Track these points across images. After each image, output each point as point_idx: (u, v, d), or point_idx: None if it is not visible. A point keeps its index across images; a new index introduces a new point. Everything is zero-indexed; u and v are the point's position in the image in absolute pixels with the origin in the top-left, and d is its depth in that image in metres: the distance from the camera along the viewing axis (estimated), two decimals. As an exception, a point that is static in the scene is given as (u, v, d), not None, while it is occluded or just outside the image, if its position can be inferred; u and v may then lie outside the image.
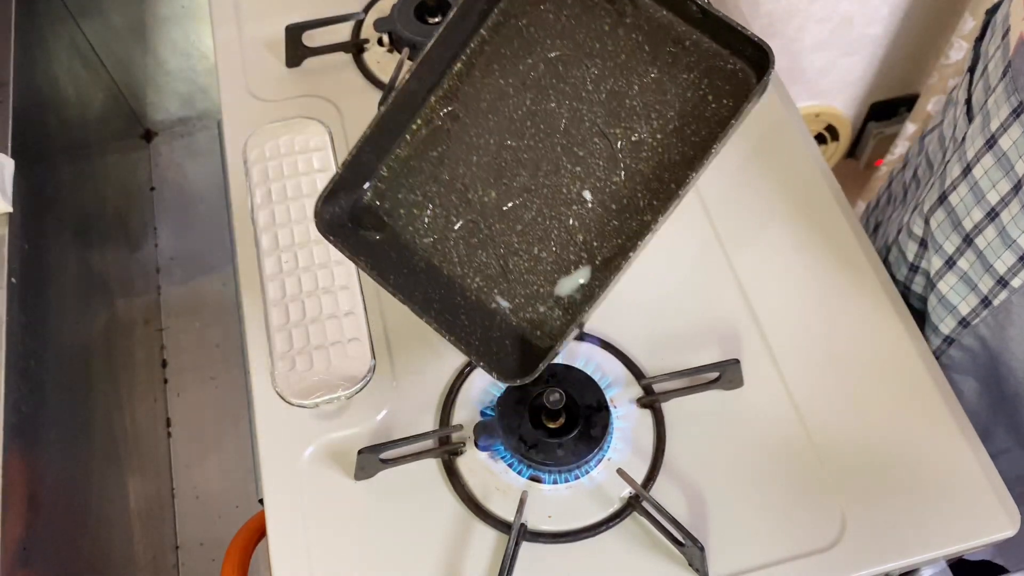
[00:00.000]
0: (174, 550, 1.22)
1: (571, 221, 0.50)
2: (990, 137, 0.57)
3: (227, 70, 0.77)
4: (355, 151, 0.51)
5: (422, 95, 0.53)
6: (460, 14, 0.50)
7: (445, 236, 0.52)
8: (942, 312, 0.64)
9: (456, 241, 0.51)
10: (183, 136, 1.58)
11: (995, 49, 0.59)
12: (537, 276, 0.50)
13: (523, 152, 0.51)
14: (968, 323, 0.62)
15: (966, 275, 0.61)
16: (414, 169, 0.53)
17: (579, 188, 0.50)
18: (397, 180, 0.53)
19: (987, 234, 0.58)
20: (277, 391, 0.60)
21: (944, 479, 0.57)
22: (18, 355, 0.71)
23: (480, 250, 0.51)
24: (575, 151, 0.50)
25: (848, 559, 0.54)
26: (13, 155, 0.78)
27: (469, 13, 0.51)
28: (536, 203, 0.50)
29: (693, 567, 0.54)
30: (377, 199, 0.53)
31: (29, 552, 0.68)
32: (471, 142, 0.52)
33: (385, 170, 0.53)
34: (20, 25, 0.90)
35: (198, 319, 1.42)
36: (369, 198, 0.53)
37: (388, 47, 0.77)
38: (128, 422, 1.11)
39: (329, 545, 0.56)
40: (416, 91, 0.52)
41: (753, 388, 0.60)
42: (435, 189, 0.52)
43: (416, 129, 0.53)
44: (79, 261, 1.03)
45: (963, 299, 0.62)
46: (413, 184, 0.52)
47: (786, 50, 1.26)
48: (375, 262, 0.50)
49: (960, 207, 0.60)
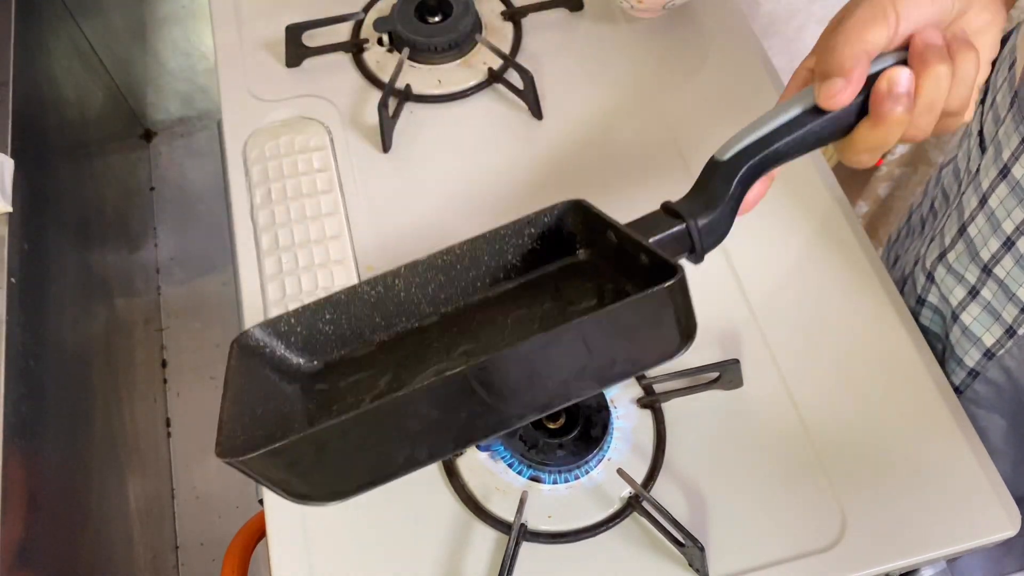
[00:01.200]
0: (174, 550, 1.22)
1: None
2: (1003, 167, 0.57)
3: (227, 70, 0.77)
4: (314, 307, 0.50)
5: (400, 314, 0.52)
6: (468, 255, 0.51)
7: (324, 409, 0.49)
8: (966, 344, 0.63)
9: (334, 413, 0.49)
10: (183, 136, 1.59)
11: (1002, 81, 0.60)
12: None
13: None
14: (993, 355, 0.61)
15: (989, 305, 0.60)
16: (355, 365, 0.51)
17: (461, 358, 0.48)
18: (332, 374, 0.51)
19: (1005, 263, 0.58)
20: (277, 391, 0.60)
21: (944, 479, 0.57)
22: (18, 355, 0.71)
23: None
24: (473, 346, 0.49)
25: (848, 559, 0.54)
26: (13, 155, 0.78)
27: (477, 265, 0.52)
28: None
29: (693, 567, 0.54)
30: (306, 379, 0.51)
31: (29, 552, 0.68)
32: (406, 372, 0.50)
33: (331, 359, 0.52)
34: (20, 25, 0.90)
35: (198, 319, 1.42)
36: (301, 372, 0.51)
37: (388, 47, 0.77)
38: (128, 422, 1.11)
39: (329, 545, 0.56)
40: (397, 306, 0.52)
41: (753, 388, 0.60)
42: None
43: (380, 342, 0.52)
44: (79, 261, 1.03)
45: (987, 330, 0.61)
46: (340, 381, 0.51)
47: (786, 50, 1.26)
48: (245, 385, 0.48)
49: (978, 238, 0.60)
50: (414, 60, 0.76)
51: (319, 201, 0.69)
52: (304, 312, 0.50)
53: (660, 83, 0.75)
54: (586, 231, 0.52)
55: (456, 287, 0.52)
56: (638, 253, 0.45)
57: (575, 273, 0.52)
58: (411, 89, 0.74)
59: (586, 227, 0.51)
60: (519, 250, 0.52)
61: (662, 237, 0.46)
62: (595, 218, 0.50)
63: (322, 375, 0.51)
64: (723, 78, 0.75)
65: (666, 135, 0.72)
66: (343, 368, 0.51)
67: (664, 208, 0.49)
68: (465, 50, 0.76)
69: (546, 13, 0.79)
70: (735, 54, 0.76)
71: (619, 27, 0.79)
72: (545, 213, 0.51)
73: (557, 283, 0.52)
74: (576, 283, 0.51)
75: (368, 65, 0.77)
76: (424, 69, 0.76)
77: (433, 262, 0.52)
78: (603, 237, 0.50)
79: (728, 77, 0.75)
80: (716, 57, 0.77)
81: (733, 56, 0.76)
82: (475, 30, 0.77)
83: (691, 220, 0.47)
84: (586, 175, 0.70)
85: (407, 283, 0.51)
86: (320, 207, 0.68)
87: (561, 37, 0.78)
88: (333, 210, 0.68)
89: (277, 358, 0.50)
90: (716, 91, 0.74)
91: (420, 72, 0.75)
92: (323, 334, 0.51)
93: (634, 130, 0.72)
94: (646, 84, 0.75)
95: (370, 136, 0.73)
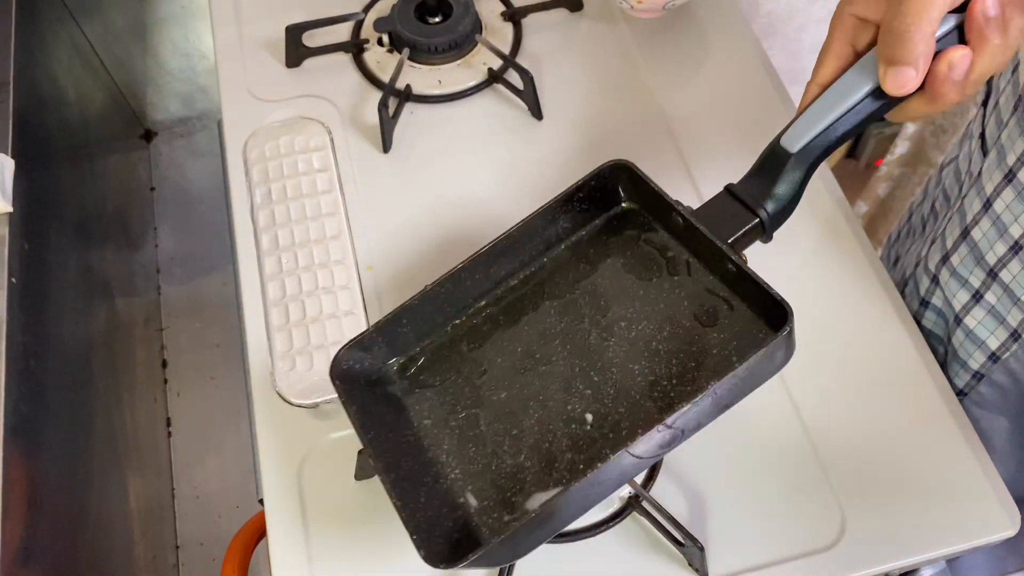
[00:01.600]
0: (174, 550, 1.22)
1: (565, 439, 0.50)
2: (1008, 171, 0.57)
3: (227, 70, 0.77)
4: (392, 316, 0.53)
5: (472, 295, 0.55)
6: (526, 232, 0.53)
7: (444, 422, 0.53)
8: (970, 347, 0.63)
9: (452, 429, 0.52)
10: (183, 136, 1.59)
11: (1005, 83, 0.59)
12: (515, 483, 0.50)
13: (544, 364, 0.53)
14: (998, 358, 0.61)
15: (994, 309, 0.60)
16: (443, 357, 0.54)
17: (583, 409, 0.51)
18: (424, 363, 0.55)
19: (1012, 267, 0.58)
20: (277, 391, 0.60)
21: (944, 479, 0.57)
22: (18, 355, 0.71)
23: (471, 444, 0.51)
24: (591, 375, 0.51)
25: (848, 559, 0.54)
26: (13, 155, 0.78)
27: (535, 237, 0.55)
28: (539, 413, 0.51)
29: (693, 567, 0.54)
30: (399, 374, 0.55)
31: (29, 552, 0.68)
32: (502, 346, 0.54)
33: (418, 351, 0.55)
34: (20, 25, 0.90)
35: (198, 319, 1.42)
36: (393, 371, 0.55)
37: (388, 47, 0.77)
38: (128, 422, 1.11)
39: (329, 545, 0.56)
40: (467, 288, 0.55)
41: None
42: (453, 378, 0.54)
43: (459, 324, 0.55)
44: (79, 261, 1.03)
45: (992, 333, 0.61)
46: (437, 369, 0.54)
47: (786, 50, 1.26)
48: (364, 414, 0.50)
49: (983, 242, 0.60)
50: (414, 60, 0.76)
51: (319, 201, 0.69)
52: (383, 323, 0.53)
53: (660, 83, 0.75)
54: (633, 190, 0.55)
55: (516, 261, 0.55)
56: (727, 264, 0.49)
57: (623, 225, 0.56)
58: (411, 89, 0.74)
59: (634, 188, 0.54)
60: (568, 214, 0.55)
61: (740, 236, 0.49)
62: (655, 199, 0.53)
63: (410, 371, 0.55)
64: (723, 78, 0.75)
65: (666, 135, 0.72)
66: (429, 366, 0.55)
67: (729, 192, 0.50)
68: (465, 50, 0.76)
69: (546, 13, 0.79)
70: (735, 54, 0.76)
71: (619, 27, 0.79)
72: (592, 176, 0.54)
73: (607, 239, 0.56)
74: (630, 242, 0.55)
75: (368, 65, 0.77)
76: (424, 69, 0.76)
77: (494, 249, 0.54)
78: (661, 210, 0.53)
79: (728, 77, 0.75)
80: (716, 57, 0.77)
81: (733, 56, 0.76)
82: (475, 30, 0.77)
83: (762, 211, 0.48)
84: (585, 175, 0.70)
85: (472, 273, 0.54)
86: (320, 207, 0.68)
87: (561, 37, 0.78)
88: (333, 210, 0.68)
89: (370, 371, 0.54)
90: (716, 91, 0.74)
91: (420, 72, 0.75)
92: (402, 336, 0.54)
93: (634, 130, 0.72)
94: (646, 84, 0.75)
95: (370, 136, 0.73)
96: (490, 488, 0.49)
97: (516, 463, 0.50)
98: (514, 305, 0.55)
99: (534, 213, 0.54)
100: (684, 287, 0.53)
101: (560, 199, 0.54)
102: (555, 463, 0.49)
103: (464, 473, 0.50)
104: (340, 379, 0.51)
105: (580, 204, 0.55)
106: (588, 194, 0.54)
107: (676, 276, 0.53)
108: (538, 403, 0.51)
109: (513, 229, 0.54)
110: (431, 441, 0.52)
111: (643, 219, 0.55)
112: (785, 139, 0.48)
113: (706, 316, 0.51)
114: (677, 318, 0.52)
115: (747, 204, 0.49)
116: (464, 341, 0.55)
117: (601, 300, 0.54)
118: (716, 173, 0.70)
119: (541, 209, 0.54)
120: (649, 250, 0.54)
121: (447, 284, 0.53)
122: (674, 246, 0.54)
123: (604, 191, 0.55)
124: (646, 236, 0.55)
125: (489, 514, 0.49)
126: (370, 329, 0.53)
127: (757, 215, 0.49)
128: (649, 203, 0.54)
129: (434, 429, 0.52)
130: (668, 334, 0.52)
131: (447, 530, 0.47)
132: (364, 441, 0.49)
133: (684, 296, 0.52)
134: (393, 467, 0.48)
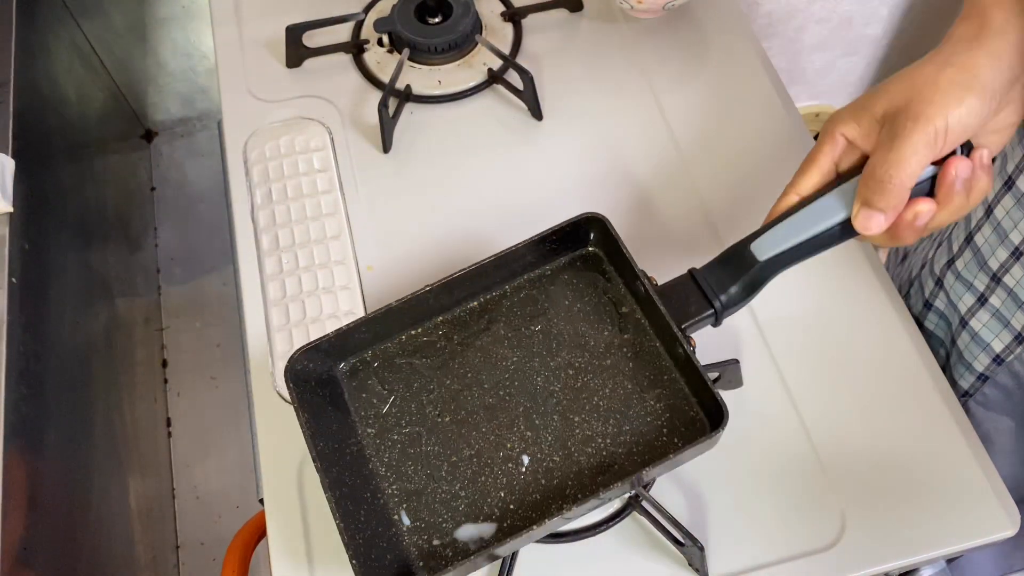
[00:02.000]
0: (174, 550, 1.22)
1: (501, 477, 0.53)
2: (1008, 179, 0.57)
3: (227, 70, 0.77)
4: (353, 326, 0.54)
5: (433, 311, 0.57)
6: (495, 264, 0.55)
7: (388, 433, 0.54)
8: (975, 349, 0.63)
9: (394, 443, 0.54)
10: (183, 136, 1.59)
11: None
12: (447, 510, 0.52)
13: (490, 396, 0.55)
14: (1002, 360, 0.61)
15: (998, 312, 0.61)
16: (393, 365, 0.56)
17: (521, 450, 0.53)
18: (375, 368, 0.56)
19: (1014, 273, 0.58)
20: (277, 391, 0.60)
21: (944, 479, 0.57)
22: (18, 355, 0.72)
23: (410, 462, 0.53)
24: (533, 418, 0.54)
25: (848, 559, 0.54)
26: (13, 155, 0.78)
27: (503, 267, 0.56)
28: (479, 445, 0.54)
29: (693, 567, 0.54)
30: (349, 376, 0.56)
31: (29, 552, 0.68)
32: (453, 368, 0.56)
33: (370, 355, 0.56)
34: (20, 25, 0.90)
35: (198, 319, 1.42)
36: (343, 371, 0.56)
37: (388, 47, 0.77)
38: (128, 422, 1.11)
39: (329, 545, 0.56)
40: (429, 306, 0.56)
41: (753, 388, 0.60)
42: (400, 390, 0.55)
43: (414, 335, 0.57)
44: (79, 261, 1.03)
45: (996, 336, 0.61)
46: (385, 377, 0.56)
47: (786, 50, 1.26)
48: (315, 423, 0.52)
49: (985, 247, 0.60)
50: (414, 61, 0.76)
51: (319, 201, 0.69)
52: (344, 331, 0.54)
53: (660, 83, 0.75)
54: (603, 240, 0.57)
55: (480, 286, 0.57)
56: (677, 347, 0.52)
57: (587, 266, 0.58)
58: (411, 89, 0.74)
59: (603, 239, 0.57)
60: (538, 252, 0.57)
61: (693, 323, 0.52)
62: (622, 258, 0.55)
63: (360, 374, 0.56)
64: (723, 78, 0.75)
65: (666, 135, 0.72)
66: (380, 372, 0.56)
67: (692, 277, 0.53)
68: (465, 51, 0.76)
69: (546, 13, 0.79)
70: (735, 54, 0.76)
71: (619, 27, 0.79)
72: (569, 224, 0.56)
73: (569, 278, 0.58)
74: (590, 288, 0.58)
75: (368, 66, 0.77)
76: (424, 70, 0.76)
77: (464, 276, 0.55)
78: (626, 271, 0.55)
79: (728, 77, 0.75)
80: (716, 57, 0.77)
81: (733, 56, 0.76)
82: (475, 31, 0.77)
83: (718, 303, 0.52)
84: (585, 175, 0.70)
85: (437, 295, 0.56)
86: (320, 207, 0.68)
87: (561, 37, 0.78)
88: (333, 210, 0.68)
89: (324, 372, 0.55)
90: (716, 91, 0.74)
91: (420, 72, 0.75)
92: (358, 341, 0.56)
93: (633, 130, 0.72)
94: (646, 84, 0.75)
95: (370, 136, 0.73)
96: (424, 510, 0.52)
97: (451, 490, 0.52)
98: (470, 328, 0.57)
99: (507, 250, 0.55)
100: (632, 348, 0.55)
101: (535, 240, 0.56)
102: (488, 498, 0.52)
103: (400, 490, 0.52)
104: (294, 381, 0.52)
105: (550, 243, 0.57)
106: (560, 236, 0.56)
107: (626, 335, 0.56)
108: (480, 435, 0.54)
109: (485, 261, 0.55)
110: (372, 452, 0.53)
111: (606, 268, 0.57)
112: (756, 245, 0.51)
113: (647, 382, 0.54)
114: (620, 378, 0.54)
115: (706, 293, 0.52)
116: (418, 354, 0.56)
117: (553, 342, 0.56)
118: (715, 173, 0.70)
119: (515, 247, 0.55)
120: (606, 301, 0.57)
121: (411, 301, 0.55)
122: (630, 303, 0.56)
123: (576, 234, 0.57)
124: (605, 285, 0.57)
125: (420, 535, 0.51)
126: (329, 335, 0.54)
127: (712, 306, 0.52)
128: (616, 260, 0.56)
129: (377, 439, 0.54)
130: (609, 391, 0.54)
131: (382, 551, 0.49)
132: (313, 453, 0.50)
133: (630, 356, 0.55)
134: (338, 483, 0.50)
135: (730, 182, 0.69)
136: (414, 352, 0.56)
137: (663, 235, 0.67)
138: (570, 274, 0.58)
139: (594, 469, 0.52)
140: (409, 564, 0.50)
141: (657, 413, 0.53)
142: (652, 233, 0.67)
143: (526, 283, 0.58)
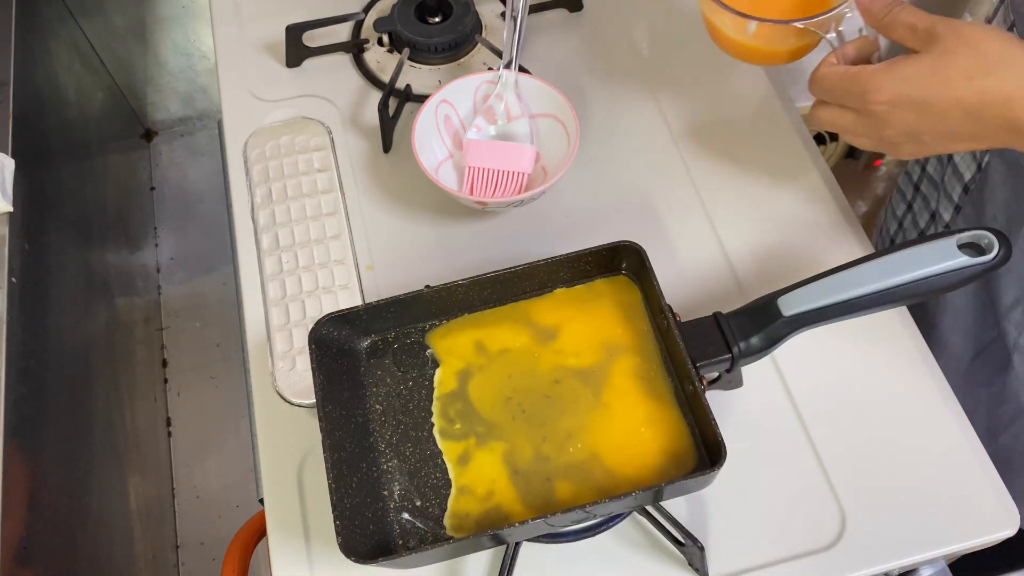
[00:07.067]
0: (174, 549, 1.23)
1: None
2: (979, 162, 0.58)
3: (227, 70, 0.77)
4: (382, 303, 0.55)
5: (460, 307, 0.57)
6: (528, 272, 0.56)
7: (393, 414, 0.55)
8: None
9: (398, 424, 0.55)
10: (183, 136, 1.59)
11: None
12: (439, 497, 0.52)
13: (498, 397, 0.55)
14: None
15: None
16: (412, 352, 0.57)
17: (518, 453, 0.53)
18: (394, 350, 0.57)
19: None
20: (277, 391, 0.60)
21: (944, 479, 0.57)
22: (18, 355, 0.72)
23: (411, 444, 0.54)
24: (535, 424, 0.54)
25: (848, 559, 0.54)
26: (13, 155, 0.78)
27: (535, 277, 0.57)
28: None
29: (693, 567, 0.54)
30: (368, 352, 0.57)
31: (29, 552, 0.68)
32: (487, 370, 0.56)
33: (392, 336, 0.57)
34: (20, 25, 0.90)
35: (198, 319, 1.42)
36: (364, 347, 0.57)
37: (388, 47, 0.77)
38: (128, 422, 1.11)
39: (329, 545, 0.56)
40: (458, 301, 0.57)
41: (753, 388, 0.60)
42: (414, 375, 0.56)
43: (437, 326, 0.57)
44: (79, 261, 1.03)
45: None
46: (402, 360, 0.56)
47: (786, 50, 1.26)
48: (328, 386, 0.53)
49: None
50: (414, 60, 0.76)
51: (319, 201, 0.69)
52: (373, 306, 0.55)
53: (660, 83, 0.75)
54: (636, 269, 0.57)
55: (509, 290, 0.58)
56: (688, 384, 0.52)
57: (613, 292, 0.58)
58: (411, 89, 0.74)
59: (637, 270, 0.57)
60: (572, 269, 0.58)
61: (709, 363, 0.52)
62: (651, 288, 0.55)
63: (378, 353, 0.57)
64: (724, 78, 0.75)
65: (666, 135, 0.72)
66: (397, 355, 0.57)
67: (716, 320, 0.53)
68: (465, 51, 0.76)
69: (546, 13, 0.79)
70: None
71: (619, 27, 0.79)
72: (606, 248, 0.56)
73: (596, 301, 0.58)
74: (614, 311, 0.58)
75: (368, 65, 0.77)
76: (424, 69, 0.76)
77: (496, 279, 0.56)
78: (652, 300, 0.56)
79: (729, 76, 0.75)
80: (717, 57, 0.77)
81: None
82: (475, 30, 0.77)
83: (736, 349, 0.52)
84: (585, 175, 0.70)
85: (467, 290, 0.56)
86: (320, 207, 0.68)
87: (561, 37, 0.78)
88: (333, 210, 0.68)
89: (346, 341, 0.56)
90: (716, 90, 0.74)
91: (420, 72, 0.75)
92: (384, 320, 0.57)
93: (634, 130, 0.72)
94: (646, 84, 0.75)
95: (370, 136, 0.73)
96: (414, 492, 0.52)
97: (444, 478, 0.52)
98: (494, 327, 0.57)
99: (542, 261, 0.56)
100: (645, 374, 0.55)
101: (571, 257, 0.56)
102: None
103: (396, 469, 0.53)
104: (316, 343, 0.53)
105: (585, 263, 0.57)
106: (596, 258, 0.57)
107: (641, 360, 0.56)
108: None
109: (519, 268, 0.56)
110: (376, 427, 0.54)
111: (634, 296, 0.58)
112: (783, 300, 0.52)
113: (654, 409, 0.54)
114: (627, 398, 0.54)
115: (727, 338, 0.52)
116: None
117: (570, 357, 0.56)
118: (716, 173, 0.70)
119: (550, 260, 0.56)
120: (628, 327, 0.57)
121: (442, 292, 0.55)
122: (651, 332, 0.56)
123: (611, 258, 0.57)
124: (630, 312, 0.57)
125: (408, 513, 0.52)
126: (358, 307, 0.54)
127: (731, 351, 0.52)
128: (646, 289, 0.57)
129: (382, 417, 0.54)
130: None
131: (365, 521, 0.50)
132: (321, 412, 0.51)
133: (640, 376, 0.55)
134: (337, 446, 0.51)
135: (730, 183, 0.69)
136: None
137: (659, 230, 0.67)
138: (596, 295, 0.58)
139: (587, 482, 0.52)
140: (390, 538, 0.51)
141: (659, 441, 0.53)
142: (651, 227, 0.67)
143: (553, 297, 0.58)
